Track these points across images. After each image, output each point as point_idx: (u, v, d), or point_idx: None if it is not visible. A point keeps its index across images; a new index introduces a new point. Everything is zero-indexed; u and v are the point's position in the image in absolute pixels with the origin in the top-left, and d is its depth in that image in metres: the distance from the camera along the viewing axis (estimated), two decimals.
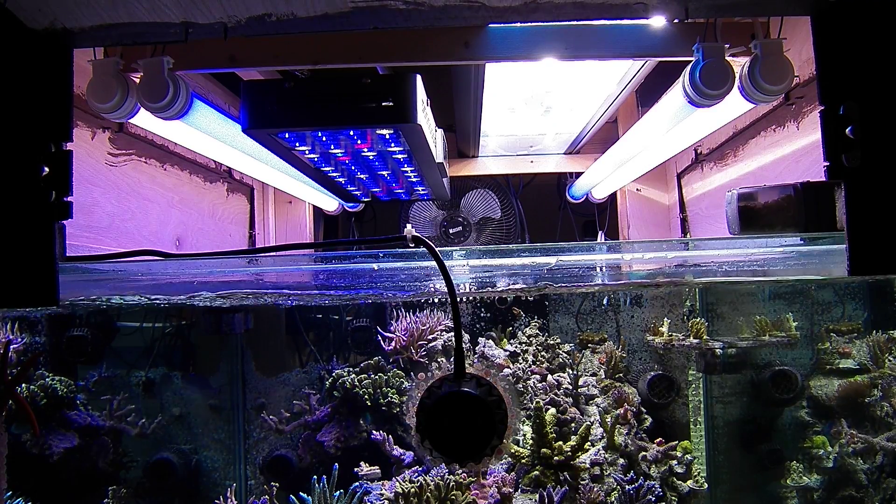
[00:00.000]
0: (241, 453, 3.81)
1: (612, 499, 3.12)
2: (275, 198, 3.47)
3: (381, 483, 3.28)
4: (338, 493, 3.11)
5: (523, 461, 3.20)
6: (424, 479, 2.99)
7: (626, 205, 3.52)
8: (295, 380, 3.86)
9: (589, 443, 3.27)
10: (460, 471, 3.03)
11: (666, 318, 3.77)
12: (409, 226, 1.25)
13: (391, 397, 3.58)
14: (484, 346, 3.79)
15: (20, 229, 1.10)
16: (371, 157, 1.93)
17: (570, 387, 3.57)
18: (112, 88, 1.65)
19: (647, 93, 2.65)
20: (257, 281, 2.35)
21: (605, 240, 3.63)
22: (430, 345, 3.69)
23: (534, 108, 2.60)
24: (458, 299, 1.24)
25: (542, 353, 3.76)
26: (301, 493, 3.07)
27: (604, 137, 3.14)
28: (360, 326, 3.81)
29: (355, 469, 3.34)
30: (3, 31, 1.08)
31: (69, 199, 1.13)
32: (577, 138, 3.16)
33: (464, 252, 1.84)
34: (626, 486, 3.08)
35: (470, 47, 1.73)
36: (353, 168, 2.07)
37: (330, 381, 3.64)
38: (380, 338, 3.70)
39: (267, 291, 2.63)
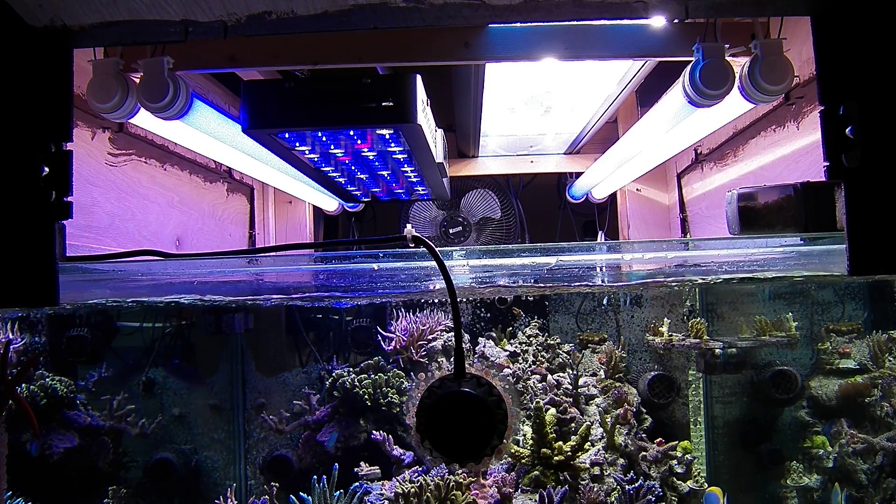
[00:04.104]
0: (241, 453, 3.81)
1: (612, 499, 3.12)
2: (275, 198, 3.47)
3: (381, 483, 3.28)
4: (338, 493, 3.11)
5: (523, 461, 3.20)
6: (424, 479, 2.99)
7: (626, 205, 3.52)
8: (295, 380, 3.86)
9: (589, 443, 3.27)
10: (460, 471, 3.03)
11: (666, 318, 3.77)
12: (409, 226, 1.25)
13: (391, 397, 3.58)
14: (484, 347, 3.78)
15: (20, 229, 1.10)
16: (371, 157, 1.93)
17: (570, 387, 3.57)
18: (112, 88, 1.65)
19: (647, 93, 2.65)
20: (257, 281, 2.34)
21: (605, 240, 3.63)
22: (430, 345, 3.69)
23: (534, 108, 2.60)
24: (458, 299, 1.24)
25: (542, 353, 3.76)
26: (301, 493, 3.07)
27: (604, 137, 3.14)
28: (360, 326, 3.81)
29: (355, 469, 3.34)
30: (2, 28, 1.08)
31: (69, 199, 1.13)
32: (577, 138, 3.16)
33: (464, 252, 1.84)
34: (626, 486, 3.08)
35: (470, 47, 1.73)
36: (353, 168, 2.07)
37: (330, 381, 3.64)
38: (380, 338, 3.70)
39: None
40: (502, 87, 2.31)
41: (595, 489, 3.09)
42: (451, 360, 1.13)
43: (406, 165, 2.05)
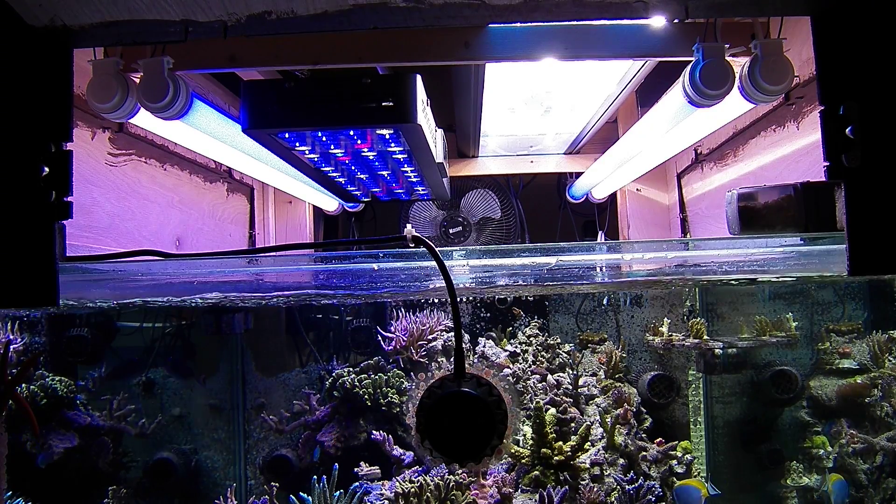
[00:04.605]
0: (241, 453, 3.81)
1: (612, 499, 3.12)
2: (275, 198, 3.47)
3: (381, 483, 3.28)
4: (338, 493, 3.11)
5: (523, 461, 3.20)
6: (424, 479, 2.99)
7: (626, 205, 3.52)
8: (295, 380, 3.86)
9: (589, 443, 3.26)
10: (460, 471, 3.03)
11: (666, 318, 3.77)
12: (409, 226, 1.25)
13: (391, 397, 3.58)
14: (484, 346, 3.78)
15: (20, 229, 1.10)
16: (371, 157, 1.93)
17: (570, 387, 3.57)
18: (112, 88, 1.65)
19: (647, 93, 2.65)
20: (257, 281, 2.34)
21: (605, 240, 3.63)
22: (430, 345, 3.69)
23: (534, 108, 2.60)
24: (458, 299, 1.24)
25: (542, 353, 3.76)
26: (301, 493, 3.07)
27: (604, 137, 3.14)
28: (360, 326, 3.81)
29: (355, 469, 3.34)
30: (2, 28, 1.08)
31: (69, 199, 1.13)
32: (577, 138, 3.16)
33: (464, 252, 1.84)
34: (626, 486, 3.08)
35: (470, 47, 1.73)
36: (353, 168, 2.07)
37: (330, 381, 3.64)
38: (380, 338, 3.70)
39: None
40: (502, 87, 2.31)
41: (595, 489, 3.09)
42: (452, 359, 1.13)
43: (406, 165, 2.05)
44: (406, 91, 1.56)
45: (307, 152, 1.86)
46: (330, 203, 3.36)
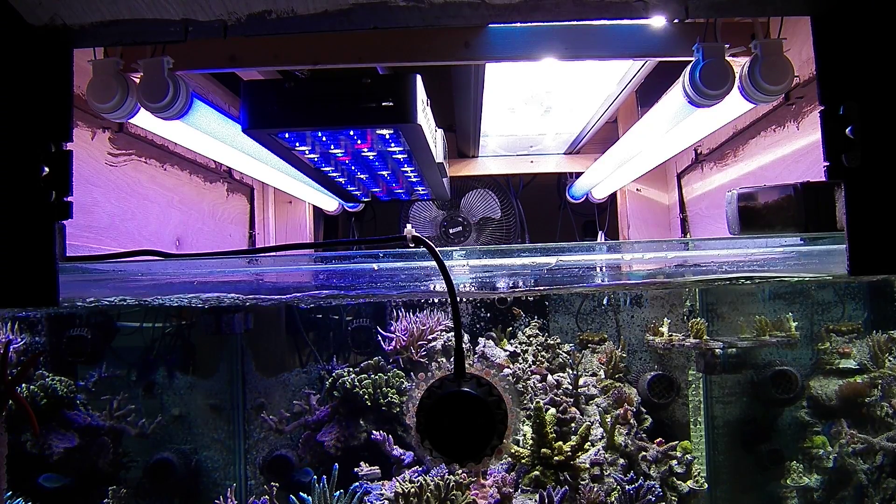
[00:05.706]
0: (241, 453, 3.81)
1: (612, 499, 3.12)
2: (275, 198, 3.47)
3: (381, 483, 3.28)
4: (338, 493, 3.11)
5: (523, 461, 3.20)
6: (424, 479, 2.99)
7: (626, 205, 3.52)
8: (295, 380, 3.86)
9: (589, 443, 3.26)
10: (460, 471, 3.03)
11: (666, 318, 3.77)
12: (409, 226, 1.25)
13: (391, 397, 3.58)
14: (484, 346, 3.78)
15: (20, 229, 1.10)
16: (371, 157, 1.93)
17: (570, 387, 3.57)
18: (112, 88, 1.65)
19: (647, 93, 2.65)
20: (257, 281, 2.34)
21: (605, 240, 3.63)
22: (430, 345, 3.69)
23: (534, 108, 2.60)
24: (458, 299, 1.24)
25: (542, 353, 3.76)
26: (301, 493, 3.07)
27: (604, 137, 3.14)
28: (360, 326, 3.81)
29: (355, 469, 3.34)
30: (2, 27, 1.07)
31: (69, 199, 1.13)
32: (577, 138, 3.16)
33: (464, 252, 1.84)
34: (626, 486, 3.08)
35: (470, 47, 1.73)
36: (353, 168, 2.07)
37: (330, 381, 3.64)
38: (380, 338, 3.70)
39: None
40: (502, 87, 2.31)
41: (595, 489, 3.09)
42: (451, 359, 1.13)
43: (406, 165, 2.05)
44: (406, 91, 1.56)
45: (307, 152, 1.86)
46: (330, 203, 3.36)
